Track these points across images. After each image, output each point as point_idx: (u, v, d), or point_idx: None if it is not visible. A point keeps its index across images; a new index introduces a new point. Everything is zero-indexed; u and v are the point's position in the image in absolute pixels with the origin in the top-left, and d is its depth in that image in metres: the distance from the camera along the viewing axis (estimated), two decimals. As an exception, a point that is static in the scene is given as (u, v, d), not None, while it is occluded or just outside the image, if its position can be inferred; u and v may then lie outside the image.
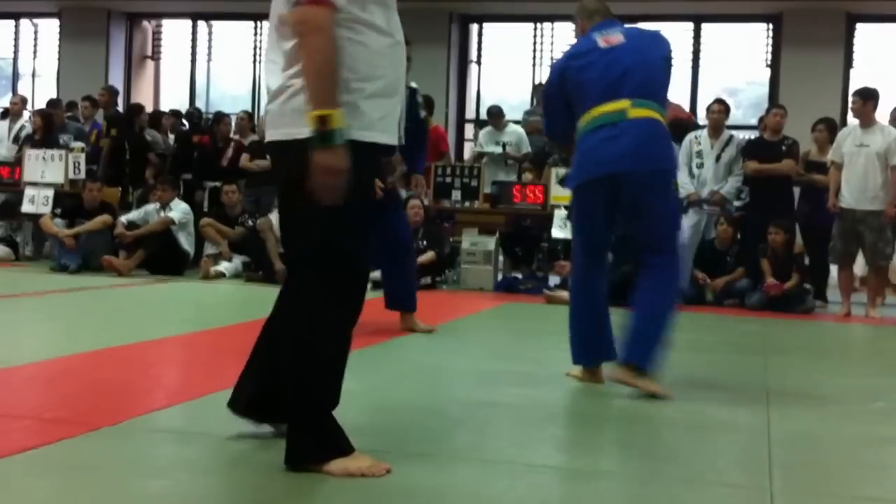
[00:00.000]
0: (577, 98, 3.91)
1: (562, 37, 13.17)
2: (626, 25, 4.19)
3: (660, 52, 3.97)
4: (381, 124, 2.48)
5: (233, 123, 10.58)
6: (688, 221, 8.43)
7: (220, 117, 10.52)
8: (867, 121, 7.48)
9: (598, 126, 3.79)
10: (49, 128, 10.20)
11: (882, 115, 7.94)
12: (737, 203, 8.42)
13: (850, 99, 7.61)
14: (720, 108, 8.40)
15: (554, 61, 4.08)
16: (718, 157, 8.27)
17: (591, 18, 4.17)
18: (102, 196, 9.08)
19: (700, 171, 8.32)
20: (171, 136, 11.05)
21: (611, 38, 3.99)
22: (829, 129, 8.29)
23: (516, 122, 10.39)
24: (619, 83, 3.81)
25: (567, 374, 4.04)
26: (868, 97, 7.51)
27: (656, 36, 4.09)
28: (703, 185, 8.32)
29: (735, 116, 13.31)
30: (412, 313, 5.18)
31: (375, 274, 5.10)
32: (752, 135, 9.60)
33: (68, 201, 9.22)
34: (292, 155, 2.41)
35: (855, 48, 12.32)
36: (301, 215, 2.47)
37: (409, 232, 5.83)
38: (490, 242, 8.50)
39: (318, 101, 2.33)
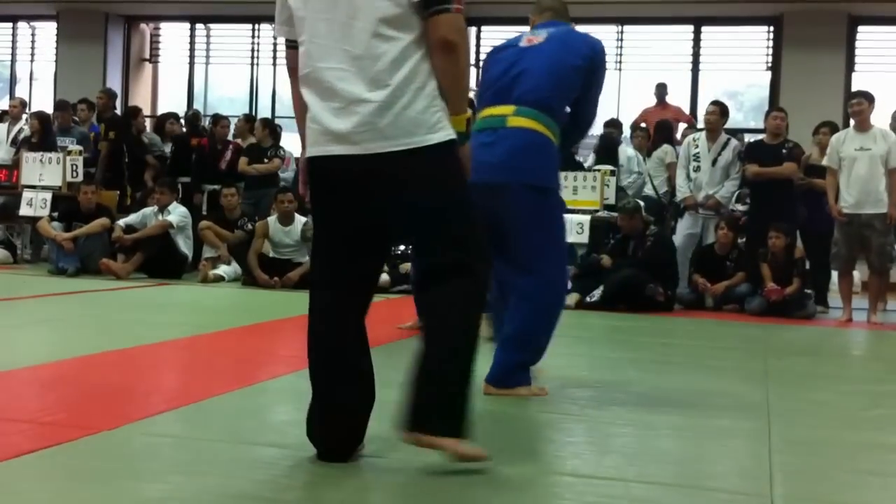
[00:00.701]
0: (480, 94, 3.84)
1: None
2: (571, 28, 3.95)
3: (571, 60, 3.67)
4: None
5: (231, 126, 10.58)
6: (683, 225, 8.44)
7: (218, 120, 10.51)
8: (867, 124, 7.47)
9: (481, 129, 3.64)
10: (46, 131, 10.18)
11: (879, 117, 7.92)
12: (741, 207, 8.41)
13: (853, 101, 7.54)
14: (714, 110, 8.40)
15: None
16: (715, 161, 8.28)
17: (541, 15, 3.96)
18: (98, 199, 9.06)
19: (697, 174, 8.32)
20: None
21: (535, 37, 3.79)
22: (833, 132, 8.28)
23: None
24: (511, 86, 3.65)
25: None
26: (872, 100, 7.51)
27: (579, 41, 3.78)
28: (699, 189, 8.33)
29: (736, 119, 13.31)
30: None
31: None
32: (753, 138, 9.60)
33: (65, 204, 9.20)
34: (428, 159, 2.46)
35: (857, 50, 12.31)
36: (463, 211, 2.55)
37: None
38: None
39: (463, 105, 2.53)
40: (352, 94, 2.46)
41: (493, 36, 13.68)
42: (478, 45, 13.73)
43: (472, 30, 13.66)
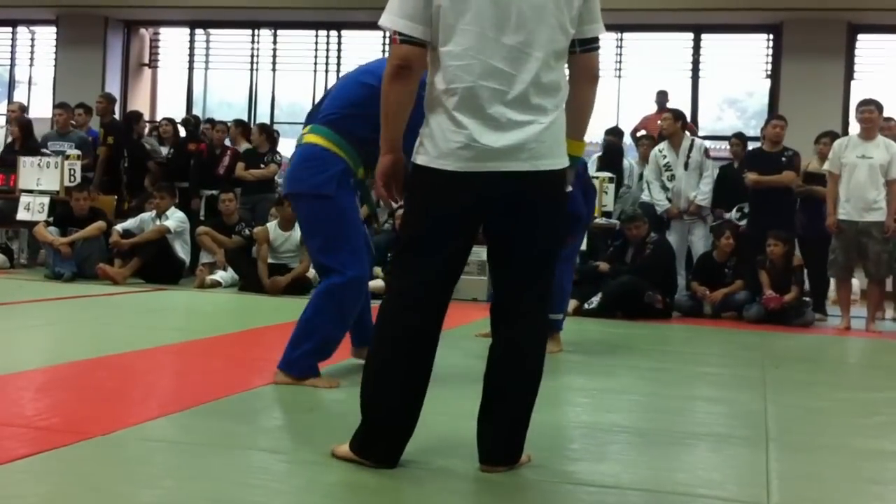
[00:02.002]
0: None
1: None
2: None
3: (363, 77, 3.89)
4: None
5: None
6: (672, 236, 8.44)
7: (213, 124, 10.49)
8: (873, 133, 7.47)
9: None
10: (27, 136, 10.17)
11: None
12: (735, 214, 8.44)
13: (863, 108, 7.52)
14: (668, 117, 8.59)
15: None
16: (686, 164, 8.33)
17: None
18: (92, 204, 9.04)
19: (673, 182, 8.37)
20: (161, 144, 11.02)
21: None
22: (833, 142, 8.28)
23: None
24: (317, 109, 4.03)
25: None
26: (882, 109, 7.52)
27: (377, 61, 4.00)
28: (679, 196, 8.36)
29: (736, 127, 13.33)
30: None
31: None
32: (752, 145, 9.60)
33: (60, 209, 9.19)
34: (560, 180, 2.64)
35: (856, 58, 12.32)
36: (562, 240, 2.78)
37: None
38: (483, 253, 8.42)
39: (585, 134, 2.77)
40: (519, 116, 2.54)
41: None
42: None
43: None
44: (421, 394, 2.62)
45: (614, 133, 10.11)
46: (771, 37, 12.54)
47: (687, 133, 8.65)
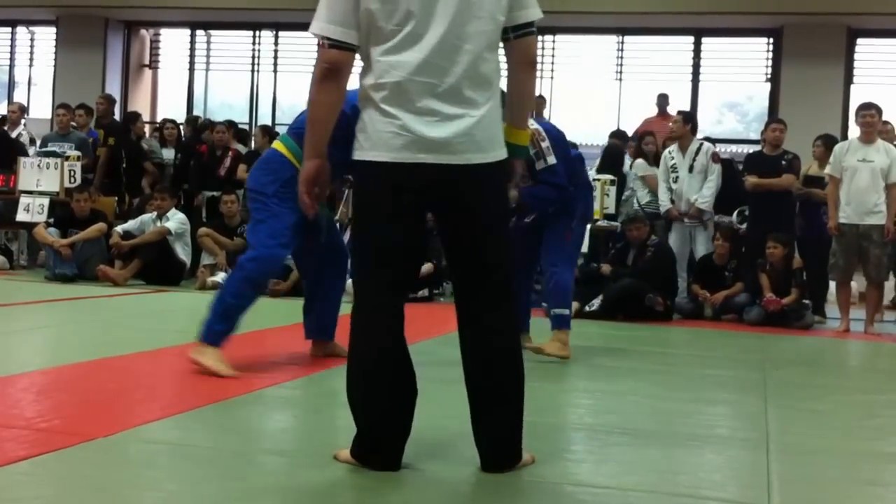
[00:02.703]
0: None
1: (564, 50, 13.19)
2: None
3: None
4: None
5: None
6: (673, 237, 8.45)
7: (211, 125, 10.49)
8: (873, 136, 7.48)
9: None
10: (8, 143, 10.17)
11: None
12: (737, 220, 8.44)
13: (864, 112, 7.53)
14: (678, 120, 8.57)
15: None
16: (691, 168, 8.33)
17: None
18: (93, 205, 9.04)
19: (676, 184, 8.38)
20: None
21: None
22: (826, 145, 8.30)
23: None
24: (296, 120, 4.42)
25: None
26: (881, 112, 7.54)
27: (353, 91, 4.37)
28: (680, 198, 8.37)
29: (736, 130, 13.35)
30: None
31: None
32: (750, 148, 9.62)
33: (60, 211, 9.19)
34: (501, 172, 2.65)
35: (856, 63, 12.33)
36: (507, 230, 2.74)
37: None
38: None
39: (528, 121, 2.80)
40: (450, 109, 2.54)
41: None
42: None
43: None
44: (408, 395, 2.61)
45: (617, 136, 10.12)
46: (771, 41, 12.56)
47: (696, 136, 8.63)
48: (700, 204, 8.26)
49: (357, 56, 2.60)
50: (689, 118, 8.65)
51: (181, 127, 11.54)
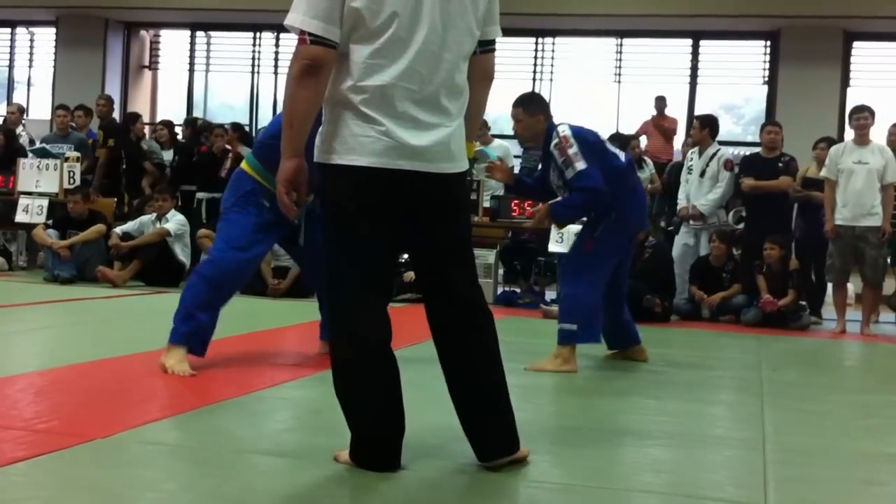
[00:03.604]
0: None
1: (563, 52, 13.21)
2: None
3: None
4: None
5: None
6: (679, 237, 8.48)
7: (212, 127, 10.50)
8: (867, 138, 7.52)
9: None
10: (11, 143, 10.18)
11: (875, 131, 7.93)
12: (732, 221, 8.46)
13: (857, 114, 7.57)
14: (697, 125, 8.57)
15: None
16: (703, 172, 8.35)
17: None
18: (92, 206, 9.05)
19: (686, 185, 8.41)
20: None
21: None
22: (830, 147, 8.30)
23: (503, 137, 10.35)
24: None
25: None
26: (874, 114, 7.56)
27: None
28: (687, 200, 8.39)
29: (733, 132, 13.36)
30: None
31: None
32: (747, 150, 9.64)
33: (59, 212, 9.19)
34: (462, 181, 2.70)
35: (852, 66, 12.36)
36: (469, 236, 2.77)
37: None
38: (490, 256, 8.54)
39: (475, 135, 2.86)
40: (429, 118, 2.56)
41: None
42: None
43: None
44: (398, 396, 2.61)
45: (616, 138, 10.13)
46: (768, 43, 12.59)
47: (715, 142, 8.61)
48: (701, 207, 8.27)
49: None
50: (707, 123, 8.59)
51: (178, 128, 11.54)
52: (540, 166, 5.05)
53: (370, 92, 2.51)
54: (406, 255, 7.80)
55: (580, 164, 4.51)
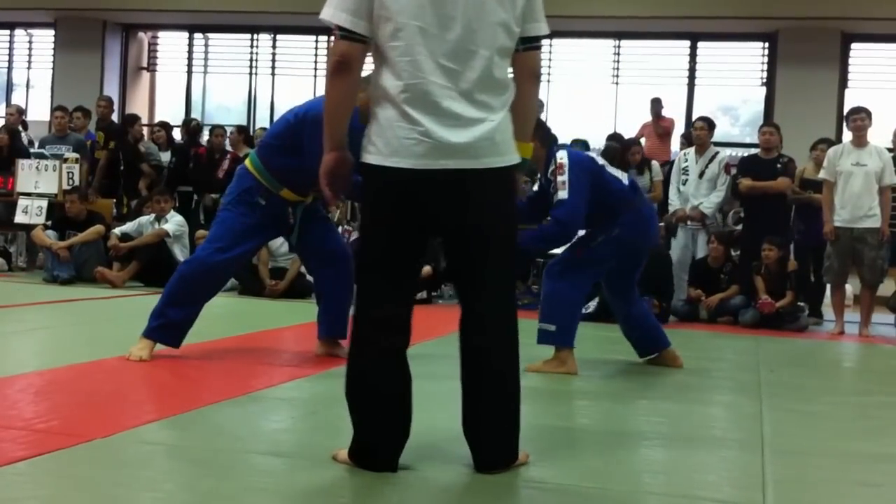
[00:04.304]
0: None
1: (561, 54, 13.21)
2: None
3: (287, 115, 4.52)
4: None
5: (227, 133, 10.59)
6: (678, 240, 8.48)
7: (213, 129, 10.52)
8: (865, 140, 7.53)
9: None
10: (14, 143, 10.19)
11: (874, 133, 7.95)
12: (732, 222, 8.47)
13: (855, 116, 7.59)
14: (702, 125, 8.55)
15: None
16: (702, 173, 8.37)
17: None
18: (90, 207, 9.05)
19: (684, 187, 8.41)
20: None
21: None
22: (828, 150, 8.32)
23: None
24: None
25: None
26: (871, 116, 7.58)
27: (307, 104, 4.46)
28: (685, 202, 8.39)
29: (731, 134, 13.37)
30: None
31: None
32: (745, 152, 9.65)
33: (58, 213, 9.20)
34: (510, 177, 2.65)
35: (850, 67, 12.38)
36: (515, 237, 2.73)
37: None
38: None
39: (531, 134, 2.82)
40: (472, 113, 2.55)
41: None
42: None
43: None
44: (405, 406, 2.62)
45: (615, 139, 10.14)
46: (766, 45, 12.60)
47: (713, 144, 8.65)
48: (704, 208, 8.28)
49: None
50: (712, 124, 8.65)
51: (176, 130, 11.55)
52: (535, 187, 5.04)
53: (410, 90, 2.52)
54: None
55: (562, 194, 4.48)
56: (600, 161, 4.87)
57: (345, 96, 2.59)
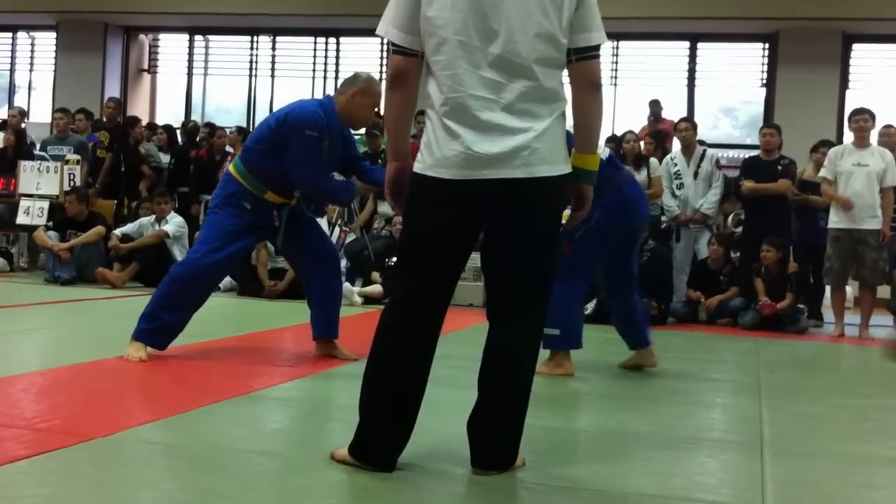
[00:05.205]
0: None
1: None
2: (319, 99, 4.60)
3: (269, 119, 4.61)
4: None
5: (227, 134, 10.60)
6: (680, 243, 8.50)
7: (214, 130, 10.52)
8: (867, 141, 7.53)
9: None
10: (20, 144, 10.20)
11: (874, 135, 7.95)
12: (732, 225, 8.48)
13: (857, 117, 7.57)
14: (688, 126, 8.61)
15: None
16: (696, 174, 8.37)
17: None
18: (91, 208, 9.06)
19: (681, 191, 8.41)
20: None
21: None
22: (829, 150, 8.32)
23: None
24: None
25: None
26: (874, 117, 7.59)
27: (289, 108, 4.53)
28: (686, 204, 8.40)
29: (732, 135, 13.37)
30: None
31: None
32: (746, 153, 9.65)
33: (59, 214, 9.21)
34: (561, 187, 2.63)
35: (851, 68, 12.38)
36: (558, 246, 2.73)
37: None
38: (479, 259, 8.49)
39: (598, 145, 2.76)
40: (514, 122, 2.54)
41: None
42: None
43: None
44: (419, 399, 2.65)
45: (612, 141, 10.14)
46: (767, 46, 12.60)
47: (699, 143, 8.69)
48: (706, 210, 8.31)
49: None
50: (695, 124, 8.74)
51: (177, 131, 11.57)
52: None
53: (450, 104, 2.55)
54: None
55: None
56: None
57: (402, 109, 2.65)
